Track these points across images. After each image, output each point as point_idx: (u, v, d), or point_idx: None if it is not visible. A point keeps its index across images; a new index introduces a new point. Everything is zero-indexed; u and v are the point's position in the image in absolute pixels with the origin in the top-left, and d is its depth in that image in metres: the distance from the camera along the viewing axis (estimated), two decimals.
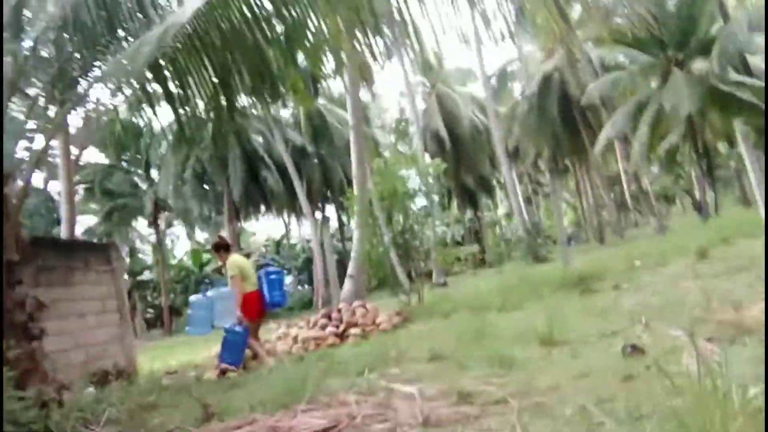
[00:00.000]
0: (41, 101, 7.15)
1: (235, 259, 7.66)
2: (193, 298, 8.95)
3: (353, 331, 8.86)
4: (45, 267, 8.28)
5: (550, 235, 40.52)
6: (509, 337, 5.89)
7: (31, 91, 7.02)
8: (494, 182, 40.12)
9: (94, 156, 33.08)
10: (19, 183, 6.14)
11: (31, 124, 6.67)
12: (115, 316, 9.78)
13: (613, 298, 7.75)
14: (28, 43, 6.48)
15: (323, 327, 9.09)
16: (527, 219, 29.13)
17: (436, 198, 14.21)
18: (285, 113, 30.26)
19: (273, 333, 10.46)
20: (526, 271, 15.38)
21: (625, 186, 39.10)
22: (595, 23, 21.87)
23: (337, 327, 9.10)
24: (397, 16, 4.85)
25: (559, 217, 12.66)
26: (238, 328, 7.09)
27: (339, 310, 9.61)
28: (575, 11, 21.87)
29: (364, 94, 26.45)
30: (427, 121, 32.77)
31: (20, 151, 6.20)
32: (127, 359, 9.82)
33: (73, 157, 31.67)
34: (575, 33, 23.82)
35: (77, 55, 6.59)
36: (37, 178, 29.35)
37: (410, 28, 4.66)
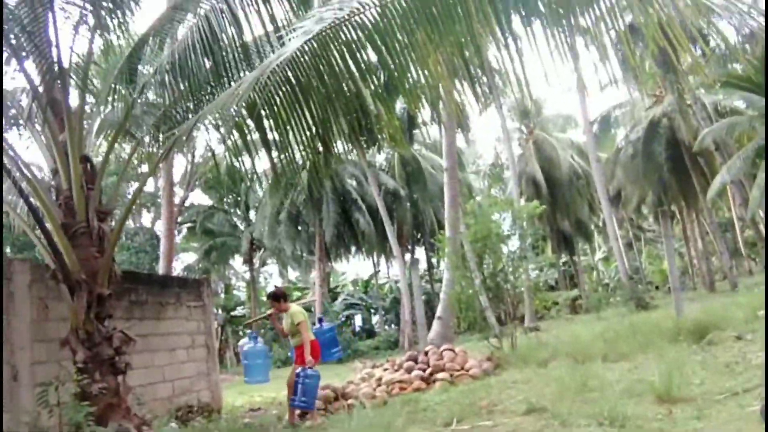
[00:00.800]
0: (146, 143, 7.43)
1: (297, 307, 7.55)
2: (246, 347, 8.62)
3: (440, 375, 8.28)
4: (138, 301, 8.41)
5: (652, 281, 38.05)
6: (618, 391, 5.20)
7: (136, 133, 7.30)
8: (592, 227, 38.64)
9: (198, 198, 34.90)
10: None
11: (133, 164, 6.83)
12: (203, 352, 9.80)
13: (737, 350, 6.82)
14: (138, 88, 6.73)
15: (409, 370, 8.58)
16: (627, 264, 27.50)
17: (529, 241, 13.59)
18: (380, 158, 30.69)
19: (357, 373, 10.12)
20: (631, 317, 14.22)
21: (738, 232, 36.29)
22: (710, 69, 20.83)
23: (424, 371, 8.54)
24: (496, 64, 4.62)
25: (671, 260, 11.55)
26: (311, 371, 6.87)
27: (426, 353, 9.08)
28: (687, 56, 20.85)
29: (459, 140, 26.45)
30: (523, 166, 32.30)
31: (125, 190, 6.41)
32: (212, 395, 9.77)
33: (178, 199, 33.56)
34: (687, 79, 22.79)
35: (182, 101, 6.80)
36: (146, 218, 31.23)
37: (511, 76, 4.37)
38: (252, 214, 31.63)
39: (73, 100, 6.21)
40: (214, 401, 9.74)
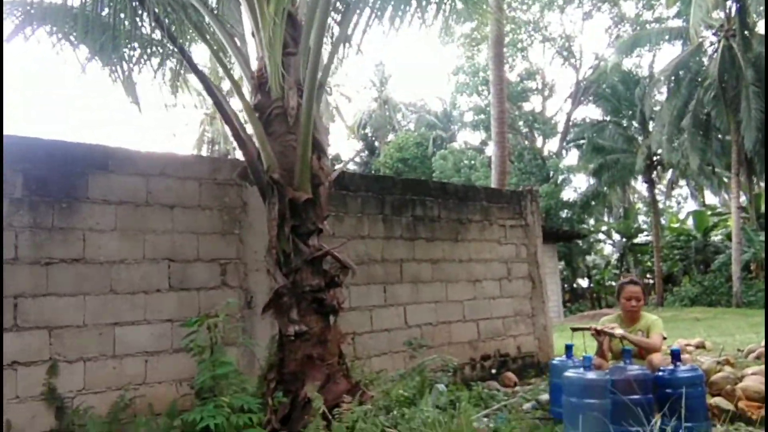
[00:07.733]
0: None
1: (654, 316, 4.54)
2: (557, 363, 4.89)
3: None
4: (425, 217, 6.56)
5: None
6: None
7: None
8: None
9: (590, 112, 31.71)
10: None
11: None
12: (526, 286, 7.49)
13: None
14: None
15: None
16: None
17: None
18: None
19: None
20: None
21: None
22: None
23: None
24: None
25: None
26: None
27: None
28: None
29: None
30: None
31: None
32: (538, 343, 7.46)
33: (564, 115, 31.02)
34: None
35: None
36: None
37: None
38: (651, 125, 26.73)
39: None
40: (541, 351, 7.43)
